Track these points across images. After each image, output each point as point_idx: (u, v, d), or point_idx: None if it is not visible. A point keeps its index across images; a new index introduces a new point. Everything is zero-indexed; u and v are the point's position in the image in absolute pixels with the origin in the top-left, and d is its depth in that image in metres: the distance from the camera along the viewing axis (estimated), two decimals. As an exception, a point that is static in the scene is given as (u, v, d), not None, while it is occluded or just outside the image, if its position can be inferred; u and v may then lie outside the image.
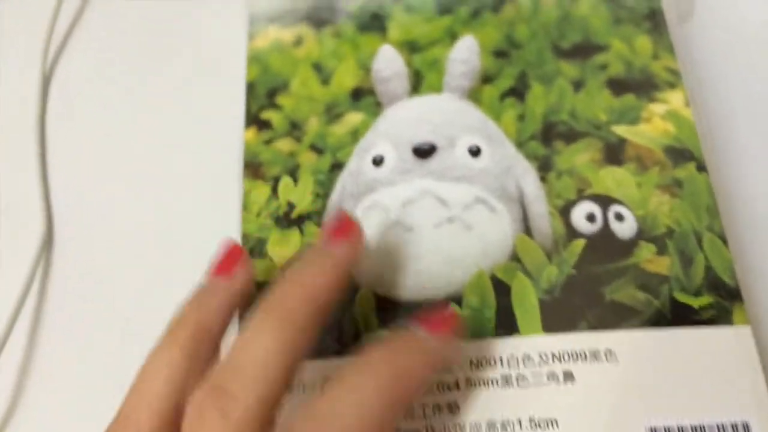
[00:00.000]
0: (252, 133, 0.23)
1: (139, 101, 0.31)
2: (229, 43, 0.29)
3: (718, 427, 0.17)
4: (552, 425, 0.17)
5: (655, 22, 0.23)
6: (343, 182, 0.21)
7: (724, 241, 0.19)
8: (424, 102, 0.22)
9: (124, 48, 0.32)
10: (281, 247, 0.21)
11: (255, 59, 0.24)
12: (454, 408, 0.18)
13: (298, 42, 0.24)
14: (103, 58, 0.32)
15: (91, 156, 0.30)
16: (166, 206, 0.28)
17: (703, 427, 0.17)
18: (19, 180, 0.30)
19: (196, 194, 0.28)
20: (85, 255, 0.28)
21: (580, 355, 0.18)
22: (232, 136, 0.27)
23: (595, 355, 0.18)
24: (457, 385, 0.18)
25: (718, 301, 0.19)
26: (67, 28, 0.33)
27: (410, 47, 0.23)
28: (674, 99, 0.21)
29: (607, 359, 0.18)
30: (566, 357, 0.18)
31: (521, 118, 0.21)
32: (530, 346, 0.18)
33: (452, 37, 0.23)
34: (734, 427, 0.17)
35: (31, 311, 0.26)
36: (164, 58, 0.31)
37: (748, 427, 0.17)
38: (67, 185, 0.30)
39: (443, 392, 0.18)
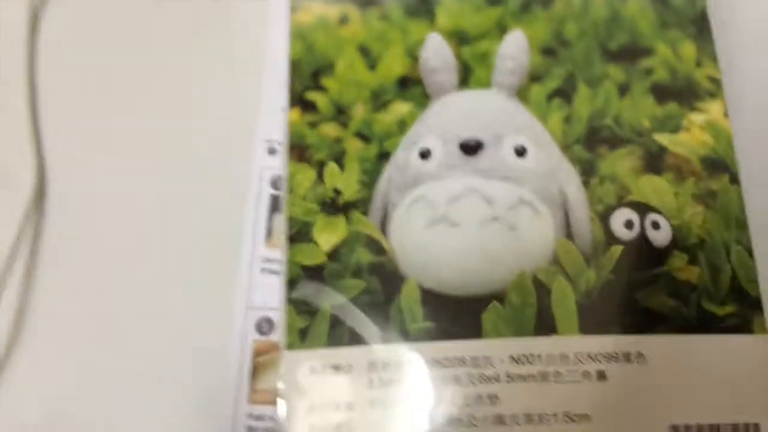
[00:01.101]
0: (296, 113, 0.23)
1: (140, 44, 0.30)
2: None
3: (732, 426, 0.19)
4: (585, 420, 0.19)
5: (700, 26, 0.23)
6: (390, 174, 0.22)
7: (751, 253, 0.21)
8: (473, 97, 0.22)
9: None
10: (328, 233, 0.22)
11: (299, 35, 0.24)
12: (494, 399, 0.19)
13: (343, 21, 0.24)
14: None
15: (86, 103, 0.30)
16: (164, 160, 0.28)
17: (718, 427, 0.19)
18: (9, 129, 0.30)
19: (206, 142, 0.28)
20: (79, 208, 0.28)
21: (613, 356, 0.20)
22: (250, 87, 0.28)
23: (627, 357, 0.20)
24: (498, 378, 0.20)
25: (741, 311, 0.20)
26: None
27: (459, 37, 0.23)
28: (714, 109, 0.22)
29: (637, 361, 0.20)
30: (600, 358, 0.20)
31: (567, 120, 0.22)
32: (567, 345, 0.20)
33: (502, 29, 0.23)
34: (746, 427, 0.19)
35: (23, 265, 0.27)
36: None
37: (758, 428, 0.19)
38: (59, 134, 0.29)
39: (485, 383, 0.19)
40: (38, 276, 0.26)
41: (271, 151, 0.26)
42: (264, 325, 0.24)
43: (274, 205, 0.25)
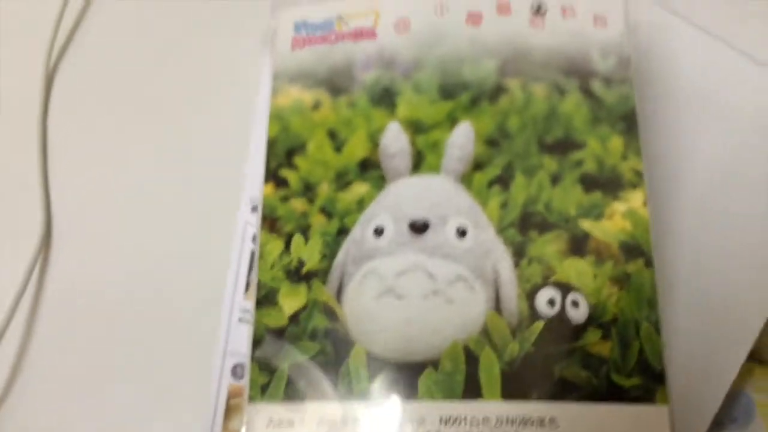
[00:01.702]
0: (270, 188, 0.26)
1: (143, 102, 0.34)
2: (241, 68, 0.32)
3: (631, 485, 0.22)
4: (500, 476, 0.22)
5: (629, 123, 0.26)
6: (348, 247, 0.25)
7: (658, 330, 0.24)
8: (423, 181, 0.26)
9: (129, 48, 0.35)
10: (291, 299, 0.25)
11: (277, 117, 0.27)
12: (424, 454, 0.22)
13: (317, 106, 0.27)
14: (108, 57, 0.35)
15: (93, 155, 0.33)
16: (165, 207, 0.32)
17: (619, 484, 0.22)
18: (20, 177, 0.33)
19: (197, 197, 0.32)
20: (83, 253, 0.32)
21: (529, 421, 0.23)
22: (238, 147, 0.31)
23: (541, 422, 0.23)
24: (428, 436, 0.23)
25: (645, 383, 0.23)
26: (72, 24, 0.36)
27: (415, 127, 0.26)
28: (635, 198, 0.25)
29: (550, 426, 0.22)
30: (518, 422, 0.22)
31: (504, 205, 0.25)
32: (490, 410, 0.23)
33: (452, 121, 0.26)
34: (644, 486, 0.22)
35: (28, 307, 0.30)
36: (172, 62, 0.34)
37: (654, 488, 0.22)
38: (67, 183, 0.33)
39: (416, 440, 0.22)
40: (42, 318, 0.30)
41: (255, 209, 0.29)
42: (239, 370, 0.27)
43: (253, 260, 0.28)
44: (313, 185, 0.26)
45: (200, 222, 0.31)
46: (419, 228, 0.25)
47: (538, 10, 0.27)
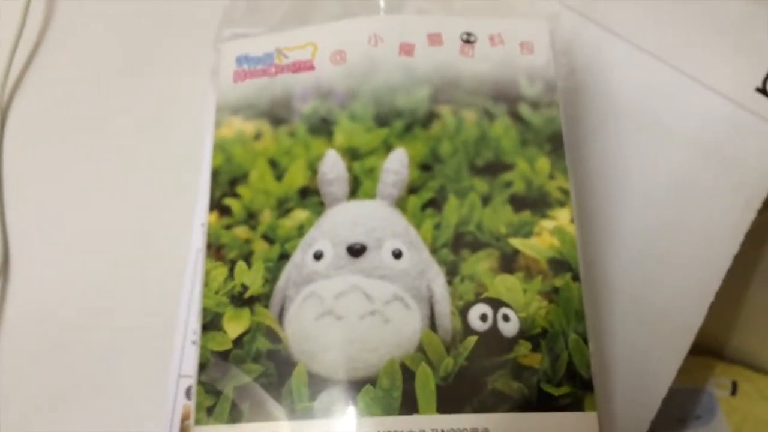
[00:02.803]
0: (214, 216, 0.28)
1: (98, 133, 0.35)
2: (193, 100, 0.33)
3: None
4: (437, 487, 0.23)
5: (555, 144, 0.28)
6: (289, 272, 0.26)
7: (586, 341, 0.25)
8: (360, 206, 0.27)
9: (83, 81, 0.36)
10: (235, 323, 0.26)
11: (220, 147, 0.29)
12: (363, 469, 0.23)
13: (258, 136, 0.29)
14: (62, 89, 0.36)
15: (48, 185, 0.35)
16: (121, 234, 0.33)
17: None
18: None
19: (151, 225, 0.33)
20: (40, 281, 0.33)
21: (463, 432, 0.24)
22: (190, 177, 0.32)
23: (474, 433, 0.24)
24: (368, 451, 0.24)
25: (574, 391, 0.24)
26: (26, 57, 0.37)
27: (351, 154, 0.28)
28: (562, 216, 0.27)
29: (483, 437, 0.24)
30: (452, 433, 0.24)
31: (437, 227, 0.26)
32: (426, 423, 0.24)
33: (387, 148, 0.28)
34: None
35: None
36: (127, 95, 0.35)
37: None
38: (24, 216, 0.34)
39: (356, 456, 0.24)
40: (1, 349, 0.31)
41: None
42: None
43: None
44: (255, 213, 0.28)
45: (154, 248, 0.33)
46: (356, 251, 0.26)
47: (468, 40, 0.29)
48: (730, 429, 0.42)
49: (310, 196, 0.28)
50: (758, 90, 0.34)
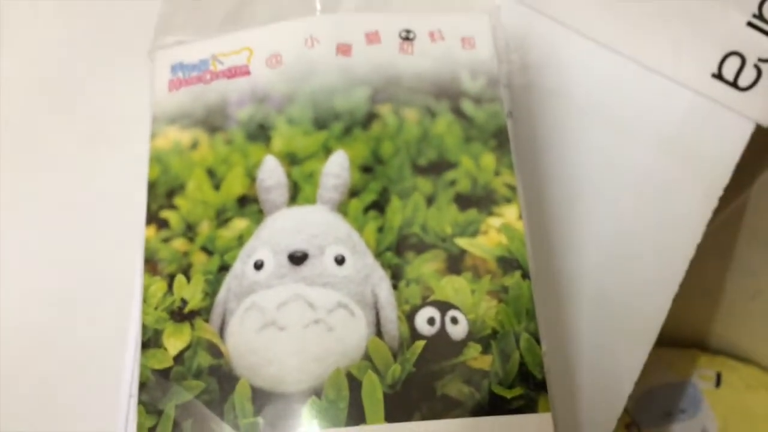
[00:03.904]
0: (152, 230, 0.27)
1: (38, 154, 0.35)
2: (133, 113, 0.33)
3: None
4: (387, 499, 0.23)
5: (500, 139, 0.27)
6: (229, 284, 0.26)
7: (538, 340, 0.25)
8: (300, 213, 0.26)
9: (23, 100, 0.36)
10: (175, 339, 0.25)
11: (156, 159, 0.28)
12: (310, 485, 0.23)
13: (194, 145, 0.28)
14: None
15: None
16: (70, 255, 0.32)
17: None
18: None
19: (102, 242, 0.32)
20: None
21: (413, 441, 0.23)
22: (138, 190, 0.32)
23: (424, 441, 0.23)
24: (314, 465, 0.23)
25: (527, 393, 0.24)
26: None
27: (290, 159, 0.27)
28: (509, 213, 0.26)
29: (433, 444, 0.23)
30: (402, 443, 0.23)
31: (380, 230, 0.26)
32: (373, 433, 0.23)
33: (327, 151, 0.27)
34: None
35: None
36: (68, 113, 0.35)
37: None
38: None
39: (303, 471, 0.23)
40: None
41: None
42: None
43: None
44: (193, 225, 0.27)
45: (103, 266, 0.32)
46: (298, 259, 0.26)
47: (407, 37, 0.29)
48: (716, 421, 0.42)
49: (249, 204, 0.27)
50: (714, 76, 0.34)
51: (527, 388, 0.24)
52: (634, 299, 0.33)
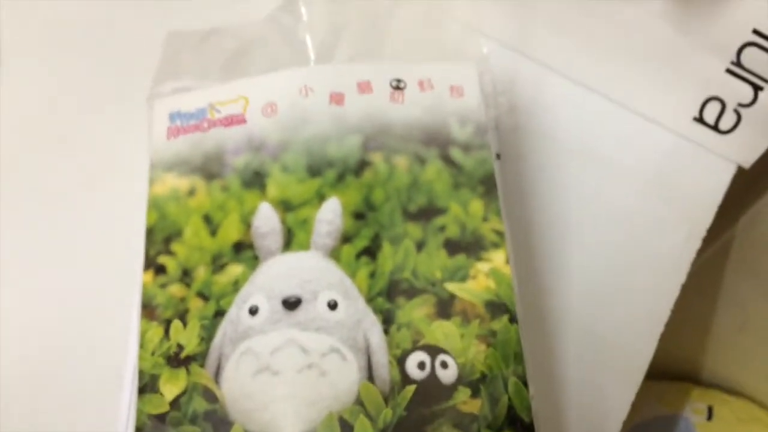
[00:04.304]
0: (149, 276, 0.28)
1: (36, 196, 0.35)
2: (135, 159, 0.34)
3: None
4: None
5: (487, 186, 0.28)
6: (224, 329, 0.26)
7: (525, 384, 0.25)
8: (294, 259, 0.27)
9: (19, 140, 0.37)
10: (171, 384, 0.26)
11: (154, 205, 0.29)
12: None
13: (192, 192, 0.29)
14: None
15: None
16: (67, 298, 0.33)
17: None
18: None
19: (99, 284, 0.33)
20: None
21: (403, 485, 0.24)
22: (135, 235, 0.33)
23: (414, 485, 0.24)
24: None
25: (515, 436, 0.25)
26: None
27: (285, 206, 0.28)
28: (497, 258, 0.27)
29: (423, 488, 0.24)
30: (392, 487, 0.24)
31: (372, 275, 0.27)
32: (365, 477, 0.24)
33: (320, 198, 0.28)
34: None
35: None
36: (63, 156, 0.36)
37: None
38: None
39: None
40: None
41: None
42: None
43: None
44: (190, 270, 0.28)
45: (100, 309, 0.33)
46: (292, 304, 0.26)
47: (397, 86, 0.30)
48: None
49: (245, 250, 0.28)
50: (696, 119, 0.35)
51: (516, 431, 0.25)
52: (621, 337, 0.33)
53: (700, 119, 0.35)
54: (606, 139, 0.36)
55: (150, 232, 0.29)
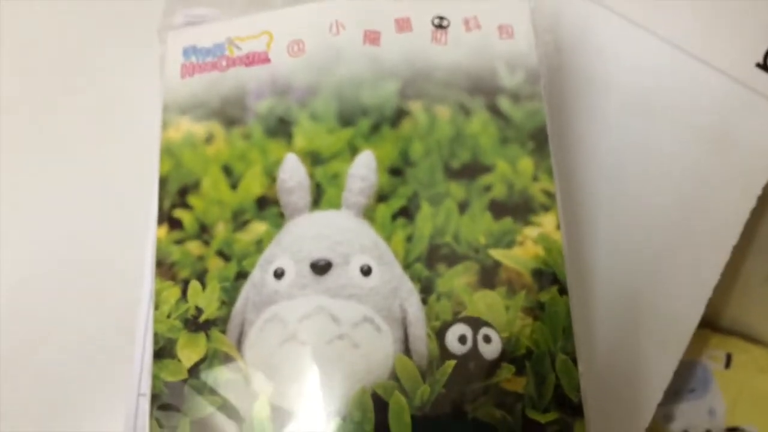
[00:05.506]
0: (164, 231, 0.26)
1: (45, 142, 0.33)
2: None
3: None
4: None
5: (539, 141, 0.26)
6: (247, 292, 0.25)
7: (575, 361, 0.24)
8: (324, 218, 0.25)
9: (25, 87, 0.34)
10: (189, 350, 0.24)
11: (168, 152, 0.27)
12: None
13: (209, 139, 0.27)
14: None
15: None
16: (77, 247, 0.31)
17: None
18: None
19: (109, 234, 0.31)
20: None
21: (441, 467, 0.22)
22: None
23: (454, 468, 0.22)
24: (338, 490, 0.22)
25: (563, 418, 0.23)
26: None
27: (313, 158, 0.26)
28: (547, 222, 0.25)
29: (463, 471, 0.22)
30: (429, 469, 0.22)
31: (410, 239, 0.25)
32: (401, 459, 0.22)
33: (353, 150, 0.26)
34: None
35: None
36: (73, 92, 0.33)
37: None
38: None
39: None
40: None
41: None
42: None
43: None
44: (208, 226, 0.26)
45: (111, 259, 0.31)
46: (321, 268, 0.24)
47: (440, 25, 0.27)
48: (724, 402, 0.42)
49: (269, 206, 0.26)
50: (759, 66, 0.33)
51: (563, 413, 0.23)
52: (665, 307, 0.32)
53: (763, 66, 0.32)
54: (659, 83, 0.33)
55: (164, 182, 0.26)
